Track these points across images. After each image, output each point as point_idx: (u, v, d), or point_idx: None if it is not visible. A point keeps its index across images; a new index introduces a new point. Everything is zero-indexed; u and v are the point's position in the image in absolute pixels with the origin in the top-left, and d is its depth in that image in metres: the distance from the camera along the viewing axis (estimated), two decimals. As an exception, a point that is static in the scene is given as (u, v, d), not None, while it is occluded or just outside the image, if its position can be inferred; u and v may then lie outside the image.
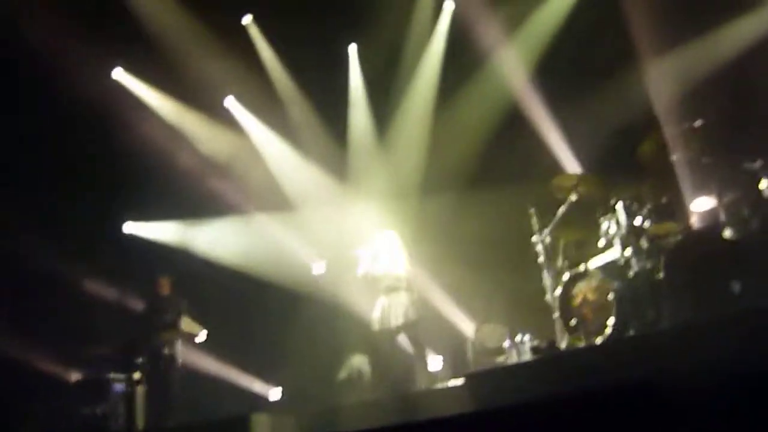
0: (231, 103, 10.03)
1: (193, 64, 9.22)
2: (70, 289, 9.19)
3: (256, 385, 9.36)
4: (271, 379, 9.44)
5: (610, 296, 5.70)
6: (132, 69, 9.82)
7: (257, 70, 9.77)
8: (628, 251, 5.94)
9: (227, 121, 10.05)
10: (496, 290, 8.25)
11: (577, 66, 7.96)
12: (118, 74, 9.81)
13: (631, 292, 5.78)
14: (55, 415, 8.14)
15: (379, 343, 7.72)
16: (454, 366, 7.93)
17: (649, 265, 5.82)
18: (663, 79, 6.89)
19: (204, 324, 8.27)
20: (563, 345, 6.14)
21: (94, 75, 9.08)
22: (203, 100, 9.70)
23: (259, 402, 9.15)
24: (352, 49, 9.90)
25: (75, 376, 8.47)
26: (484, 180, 8.57)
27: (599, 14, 7.46)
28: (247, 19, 9.91)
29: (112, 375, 8.04)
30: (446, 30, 9.32)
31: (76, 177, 9.26)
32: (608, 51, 7.33)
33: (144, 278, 8.71)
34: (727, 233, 5.73)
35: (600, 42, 7.44)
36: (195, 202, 9.49)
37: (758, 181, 5.67)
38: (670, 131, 6.20)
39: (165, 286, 8.30)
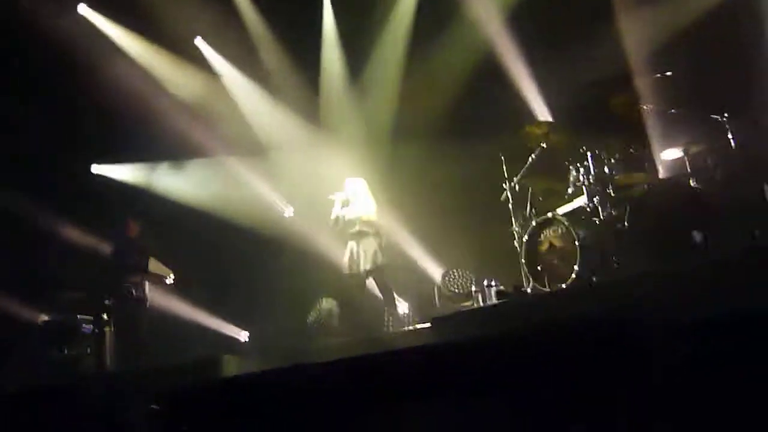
0: (201, 44, 9.80)
1: (162, 1, 8.94)
2: (37, 232, 9.06)
3: (226, 328, 9.44)
4: (241, 322, 9.52)
5: (576, 243, 5.81)
6: (98, 5, 9.52)
7: (229, 11, 9.52)
8: (596, 200, 6.05)
9: (198, 62, 9.84)
10: (464, 236, 8.34)
11: (552, 16, 7.90)
12: (84, 10, 9.51)
13: (597, 240, 5.91)
14: (24, 357, 8.11)
15: (348, 287, 7.82)
16: (421, 310, 8.07)
17: (614, 214, 5.94)
18: (636, 31, 6.89)
19: (173, 267, 8.25)
20: (529, 290, 6.28)
21: (59, 11, 8.78)
22: (173, 39, 9.44)
23: (229, 344, 9.23)
24: (326, -11, 9.68)
25: (43, 318, 8.44)
26: (456, 128, 8.57)
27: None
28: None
29: (80, 316, 8.04)
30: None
31: (43, 118, 9.03)
32: (584, 1, 7.30)
33: (113, 221, 8.61)
34: (692, 183, 5.87)
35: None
36: (166, 144, 9.36)
37: (725, 133, 5.78)
38: (641, 82, 6.25)
39: (133, 229, 8.23)
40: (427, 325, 6.30)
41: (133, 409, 4.66)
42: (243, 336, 9.53)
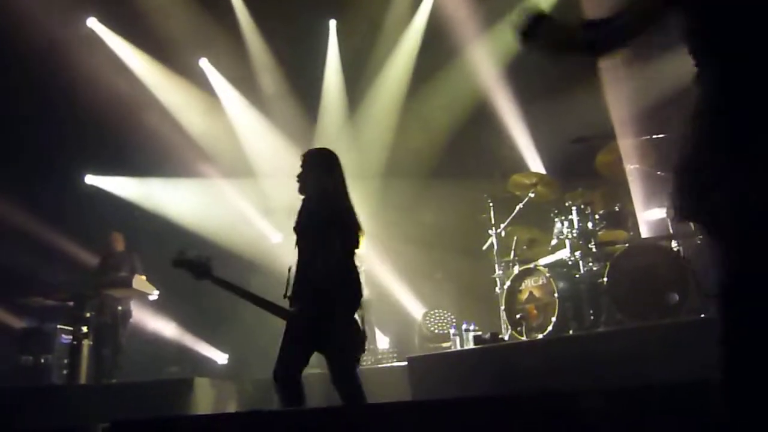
0: (205, 65, 9.95)
1: (170, 21, 9.09)
2: (27, 237, 9.05)
3: (206, 349, 9.41)
4: (219, 345, 9.50)
5: (555, 295, 5.88)
6: (106, 20, 9.66)
7: (234, 35, 9.69)
8: (577, 254, 6.13)
9: (199, 83, 9.97)
10: (447, 278, 8.43)
11: (547, 69, 8.04)
12: (93, 24, 9.64)
13: (575, 293, 5.99)
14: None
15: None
16: (400, 347, 8.10)
17: (594, 269, 6.02)
18: (622, 92, 7.00)
19: (157, 283, 8.26)
20: (506, 337, 6.33)
21: (68, 22, 8.90)
22: (177, 59, 9.60)
23: (205, 366, 9.20)
24: (332, 24, 9.87)
25: (21, 324, 8.42)
26: (447, 169, 8.69)
27: (573, 20, 7.53)
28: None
29: (59, 326, 8.02)
30: (426, 16, 9.36)
31: (42, 124, 9.09)
32: (579, 58, 7.43)
33: (103, 233, 8.61)
34: (673, 245, 5.95)
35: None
36: (159, 160, 9.43)
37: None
38: (627, 143, 6.35)
39: (119, 242, 8.27)
40: (404, 363, 6.35)
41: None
42: (222, 359, 9.50)
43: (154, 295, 8.23)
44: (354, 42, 9.60)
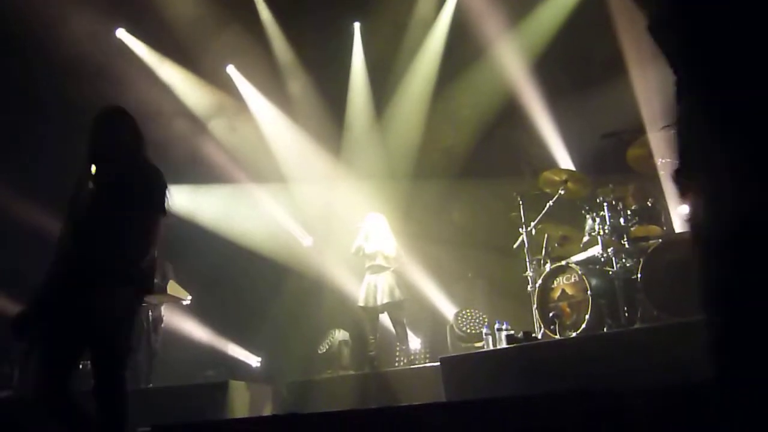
0: (232, 71, 10.04)
1: (196, 29, 9.20)
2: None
3: (238, 353, 9.51)
4: (252, 348, 9.59)
5: (588, 292, 5.82)
6: (135, 30, 9.79)
7: (260, 41, 9.76)
8: (610, 250, 6.05)
9: (226, 89, 10.07)
10: (478, 277, 8.40)
11: (575, 65, 7.99)
12: (121, 34, 9.79)
13: (608, 290, 5.91)
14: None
15: (361, 320, 7.90)
16: (432, 348, 8.08)
17: (628, 265, 5.94)
18: (652, 85, 6.89)
19: (191, 289, 8.36)
20: (539, 336, 6.27)
21: (95, 34, 9.02)
22: (204, 65, 9.70)
23: (239, 369, 9.29)
24: (356, 27, 9.90)
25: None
26: (476, 168, 8.65)
27: (600, 15, 7.44)
28: (253, -11, 9.85)
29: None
30: (450, 16, 9.31)
31: (70, 132, 9.21)
32: (606, 52, 7.34)
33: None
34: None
35: (599, 43, 7.45)
36: (188, 167, 9.52)
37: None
38: (659, 136, 6.26)
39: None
40: (437, 363, 6.33)
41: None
42: (254, 361, 9.58)
43: (187, 300, 8.34)
44: (379, 43, 9.60)
